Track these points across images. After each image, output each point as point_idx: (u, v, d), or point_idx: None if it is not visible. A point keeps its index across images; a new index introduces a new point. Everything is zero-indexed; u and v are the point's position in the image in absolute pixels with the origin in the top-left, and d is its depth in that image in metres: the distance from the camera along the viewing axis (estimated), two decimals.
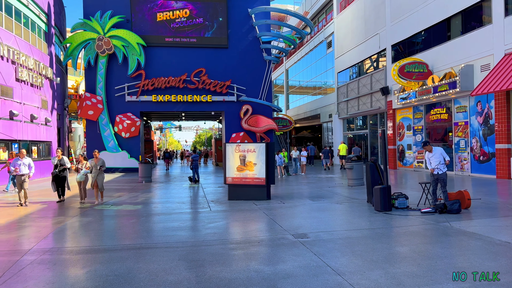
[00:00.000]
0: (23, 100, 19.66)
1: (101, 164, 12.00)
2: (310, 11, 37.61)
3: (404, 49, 22.38)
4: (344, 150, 24.61)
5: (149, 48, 25.49)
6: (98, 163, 11.93)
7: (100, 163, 11.94)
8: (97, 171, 11.86)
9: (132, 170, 24.43)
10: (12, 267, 5.64)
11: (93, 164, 11.92)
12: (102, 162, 12.03)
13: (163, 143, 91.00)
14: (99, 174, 11.92)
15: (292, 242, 6.78)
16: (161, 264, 5.66)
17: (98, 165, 11.89)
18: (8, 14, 18.85)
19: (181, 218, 9.42)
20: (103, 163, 12.04)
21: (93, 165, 11.89)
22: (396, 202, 9.66)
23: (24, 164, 11.85)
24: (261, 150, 11.69)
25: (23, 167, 11.77)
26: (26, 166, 11.87)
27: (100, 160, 12.01)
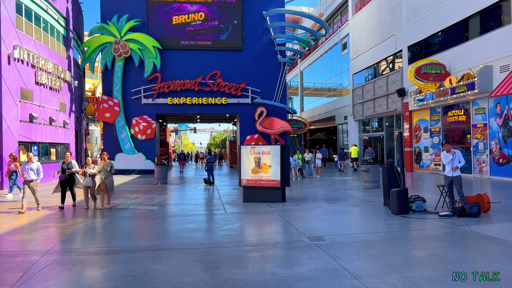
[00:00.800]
0: (42, 103, 20.06)
1: (110, 166, 11.43)
2: (325, 12, 37.48)
3: (421, 50, 22.11)
4: (355, 152, 24.93)
5: (165, 51, 25.74)
6: (107, 165, 11.38)
7: (108, 165, 11.39)
8: (105, 173, 11.31)
9: (148, 172, 24.67)
10: (32, 267, 5.75)
11: (101, 167, 11.40)
12: (111, 165, 11.47)
13: (178, 145, 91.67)
14: (107, 177, 11.33)
15: (308, 244, 6.76)
16: (177, 266, 5.70)
17: (107, 167, 11.34)
18: (28, 19, 19.28)
19: (196, 219, 9.47)
20: (112, 166, 11.53)
21: (102, 168, 11.37)
22: (413, 205, 9.54)
23: (32, 169, 11.05)
24: (276, 152, 11.69)
25: (31, 173, 11.02)
26: (34, 171, 11.09)
27: (108, 163, 11.47)
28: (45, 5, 20.94)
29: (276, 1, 26.99)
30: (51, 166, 20.80)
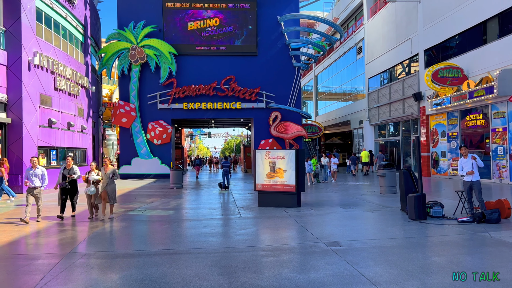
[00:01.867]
0: (61, 109, 20.44)
1: (113, 172, 10.39)
2: (340, 17, 37.37)
3: (438, 53, 21.85)
4: (366, 157, 25.72)
5: (180, 56, 25.99)
6: (109, 172, 10.36)
7: (111, 172, 10.37)
8: (107, 180, 10.26)
9: (163, 176, 24.88)
10: (52, 269, 5.85)
11: (103, 173, 10.33)
12: (114, 171, 10.44)
13: (193, 149, 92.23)
14: (109, 184, 10.28)
15: (325, 250, 6.71)
16: (194, 270, 5.72)
17: (109, 174, 10.31)
18: (48, 27, 19.72)
19: (212, 224, 9.50)
20: (115, 172, 10.49)
21: (104, 175, 10.31)
22: (431, 211, 9.40)
23: (36, 175, 10.03)
24: (291, 156, 11.67)
25: (35, 179, 10.01)
26: (38, 177, 10.07)
27: (111, 169, 10.45)
28: (64, 12, 21.39)
29: (290, 6, 27.05)
30: None
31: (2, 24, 16.75)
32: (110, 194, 10.27)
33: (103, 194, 10.26)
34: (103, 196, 10.29)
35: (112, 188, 10.36)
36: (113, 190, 10.39)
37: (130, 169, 25.30)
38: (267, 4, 26.81)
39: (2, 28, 16.63)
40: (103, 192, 10.23)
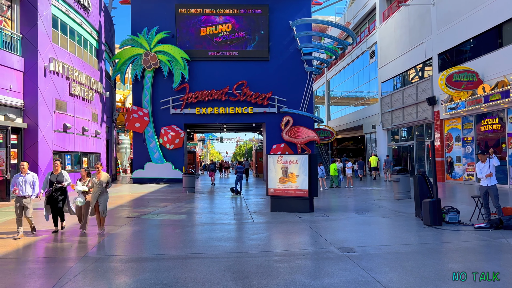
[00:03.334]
0: (75, 114, 20.72)
1: (106, 181, 9.13)
2: (352, 21, 37.24)
3: (452, 57, 21.60)
4: (374, 162, 26.25)
5: (193, 62, 26.17)
6: (102, 179, 9.08)
7: (104, 180, 9.10)
8: (99, 190, 9.03)
9: (175, 181, 25.00)
10: (66, 273, 5.90)
11: (95, 181, 9.03)
12: (107, 179, 9.16)
13: (204, 154, 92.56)
14: (101, 194, 9.05)
15: (338, 256, 6.65)
16: (207, 274, 5.72)
17: (102, 183, 9.05)
18: (63, 33, 20.05)
19: (224, 228, 9.49)
20: (109, 181, 9.22)
21: (96, 183, 9.03)
22: (446, 217, 9.25)
23: (26, 182, 8.72)
24: (303, 161, 11.62)
25: (25, 186, 8.67)
26: (29, 184, 8.75)
27: (104, 176, 9.15)
28: (79, 19, 21.74)
29: (302, 11, 27.06)
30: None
31: (19, 31, 17.09)
32: (102, 206, 9.01)
33: (96, 205, 9.05)
34: (95, 209, 9.07)
35: (105, 198, 9.14)
36: (105, 201, 9.14)
37: (143, 174, 25.49)
38: (279, 9, 26.87)
39: (19, 35, 16.96)
40: (96, 202, 9.03)
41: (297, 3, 27.09)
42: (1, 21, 16.42)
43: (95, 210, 9.07)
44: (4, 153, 15.38)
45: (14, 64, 16.43)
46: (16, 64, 16.56)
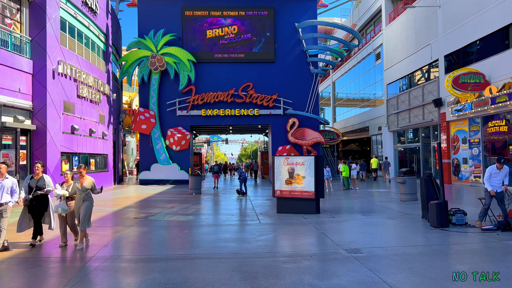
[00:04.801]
0: (83, 115, 20.90)
1: (90, 186, 7.83)
2: (358, 23, 37.24)
3: (458, 59, 21.55)
4: (375, 163, 27.33)
5: (199, 64, 26.31)
6: (86, 184, 7.78)
7: (88, 185, 7.79)
8: (82, 197, 7.72)
9: (182, 182, 25.11)
10: (77, 272, 5.99)
11: (77, 187, 7.75)
12: (91, 184, 7.87)
13: (210, 156, 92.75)
14: (84, 202, 7.71)
15: (346, 257, 6.69)
16: (216, 275, 5.78)
17: (85, 189, 7.74)
18: (71, 36, 20.26)
19: (231, 230, 9.56)
20: (94, 186, 7.91)
21: (77, 189, 7.75)
22: (453, 218, 9.26)
23: (4, 187, 7.48)
24: (310, 163, 11.66)
25: (1, 193, 7.44)
26: (6, 190, 7.51)
27: (88, 181, 7.85)
28: (87, 22, 21.95)
29: (308, 13, 27.12)
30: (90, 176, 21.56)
31: (28, 34, 17.29)
32: (82, 215, 7.62)
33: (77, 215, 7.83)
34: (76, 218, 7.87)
35: (87, 207, 7.74)
36: (87, 209, 7.74)
37: (150, 175, 25.63)
38: (285, 11, 26.96)
39: (28, 37, 17.17)
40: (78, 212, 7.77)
41: (302, 5, 27.16)
42: (11, 24, 16.63)
43: (76, 220, 7.90)
44: (14, 154, 15.57)
45: (23, 67, 16.63)
46: (25, 66, 16.76)
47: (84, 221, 7.60)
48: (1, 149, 15.02)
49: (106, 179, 24.25)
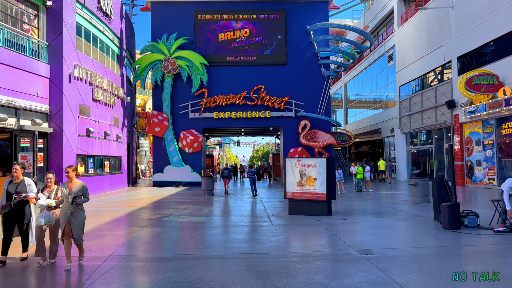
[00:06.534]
0: (98, 118, 21.30)
1: (81, 192, 6.60)
2: (370, 25, 37.16)
3: (471, 60, 21.39)
4: (383, 165, 27.98)
5: (211, 67, 26.57)
6: (76, 189, 6.56)
7: (77, 190, 6.55)
8: (71, 205, 6.47)
9: (194, 184, 25.36)
10: (96, 271, 6.19)
11: (65, 192, 6.52)
12: (83, 189, 6.64)
13: (222, 158, 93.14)
14: (74, 212, 6.51)
15: (357, 257, 6.78)
16: (229, 274, 5.93)
17: (74, 194, 6.49)
18: (86, 40, 20.68)
19: (244, 230, 9.70)
20: (85, 192, 6.67)
21: (65, 195, 6.51)
22: (465, 220, 9.25)
23: None
24: (321, 165, 11.75)
25: None
26: None
27: (78, 186, 6.61)
28: (102, 26, 22.38)
29: (320, 15, 27.20)
30: (105, 178, 21.99)
31: (45, 39, 17.72)
32: (75, 228, 6.51)
33: (67, 228, 6.50)
34: (66, 231, 6.51)
35: (80, 218, 6.59)
36: (81, 221, 6.61)
37: (163, 177, 25.94)
38: (296, 14, 27.07)
39: (45, 42, 17.60)
40: (67, 225, 6.49)
41: (314, 8, 27.25)
42: (29, 29, 17.08)
43: (64, 234, 6.49)
44: (31, 156, 15.97)
45: (41, 71, 17.05)
46: (43, 71, 17.18)
47: (78, 233, 6.53)
48: (20, 152, 15.42)
49: (120, 181, 24.63)
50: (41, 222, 6.39)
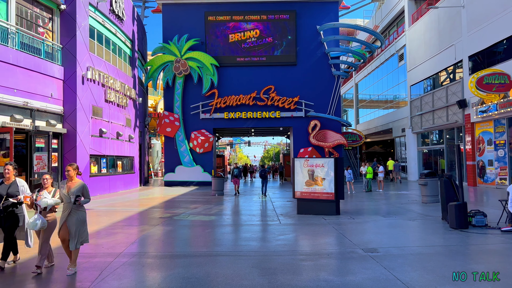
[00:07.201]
0: (111, 119, 21.68)
1: (81, 191, 6.13)
2: (380, 24, 37.01)
3: (483, 59, 21.22)
4: (391, 165, 28.35)
5: (222, 68, 26.80)
6: (75, 189, 6.10)
7: (78, 189, 6.11)
8: (69, 206, 6.04)
9: (205, 184, 25.61)
10: (107, 267, 6.41)
11: (64, 193, 6.11)
12: (83, 189, 6.16)
13: (233, 158, 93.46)
14: (72, 213, 6.05)
15: (362, 256, 6.88)
16: (235, 270, 6.10)
17: (73, 193, 6.04)
18: (99, 43, 21.07)
19: (252, 229, 9.86)
20: (85, 192, 6.19)
21: (64, 195, 6.10)
22: (473, 220, 9.28)
23: None
24: (329, 165, 11.84)
25: None
26: None
27: (77, 185, 6.15)
28: (114, 29, 22.76)
29: (330, 15, 27.22)
30: (117, 178, 22.37)
31: (59, 42, 18.13)
32: (74, 231, 6.01)
33: (63, 232, 6.06)
34: (61, 235, 6.07)
35: (80, 219, 6.11)
36: (81, 223, 6.12)
37: (174, 177, 26.26)
38: (306, 14, 27.15)
39: (59, 45, 18.01)
40: (64, 227, 6.04)
41: (324, 8, 27.29)
42: (43, 32, 17.49)
43: (60, 238, 6.12)
44: (46, 156, 16.37)
45: (55, 73, 17.46)
46: (57, 73, 17.59)
47: (75, 237, 6.00)
48: (35, 152, 15.82)
49: (132, 180, 25.01)
50: (36, 227, 5.91)
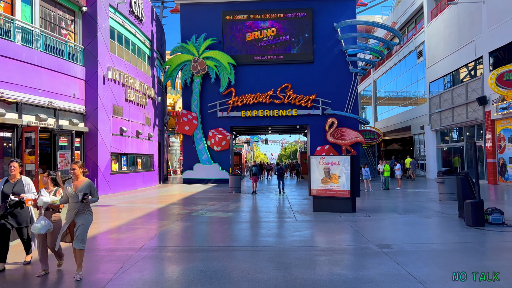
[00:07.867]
0: (130, 118, 22.17)
1: (88, 190, 5.74)
2: (399, 21, 36.60)
3: (504, 55, 20.84)
4: (408, 163, 28.73)
5: (239, 66, 27.04)
6: (82, 187, 5.73)
7: (86, 188, 5.73)
8: (76, 206, 5.71)
9: (222, 181, 25.93)
10: (129, 260, 6.70)
11: (70, 191, 5.74)
12: (90, 187, 5.78)
13: (250, 156, 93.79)
14: (80, 213, 5.75)
15: (376, 252, 6.99)
16: (251, 264, 6.30)
17: (81, 191, 5.69)
18: (119, 43, 21.56)
19: (268, 226, 10.05)
20: (92, 190, 5.80)
21: (71, 194, 5.73)
22: (490, 218, 9.24)
23: None
24: (345, 162, 11.92)
25: None
26: None
27: (84, 183, 5.77)
28: (134, 29, 23.24)
29: (347, 12, 27.13)
30: (137, 175, 22.87)
31: (81, 43, 18.65)
32: (79, 232, 5.68)
33: (68, 232, 5.91)
34: (65, 235, 5.93)
35: (85, 220, 5.78)
36: (86, 224, 5.78)
37: (192, 174, 26.67)
38: (324, 12, 27.12)
39: (81, 46, 18.53)
40: (71, 225, 5.80)
41: (341, 5, 27.21)
42: (66, 34, 18.03)
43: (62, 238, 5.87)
44: (69, 154, 16.91)
45: (77, 74, 17.98)
46: (79, 73, 18.11)
47: (80, 238, 5.68)
48: (59, 150, 16.36)
49: (152, 178, 25.51)
50: (40, 231, 5.64)
